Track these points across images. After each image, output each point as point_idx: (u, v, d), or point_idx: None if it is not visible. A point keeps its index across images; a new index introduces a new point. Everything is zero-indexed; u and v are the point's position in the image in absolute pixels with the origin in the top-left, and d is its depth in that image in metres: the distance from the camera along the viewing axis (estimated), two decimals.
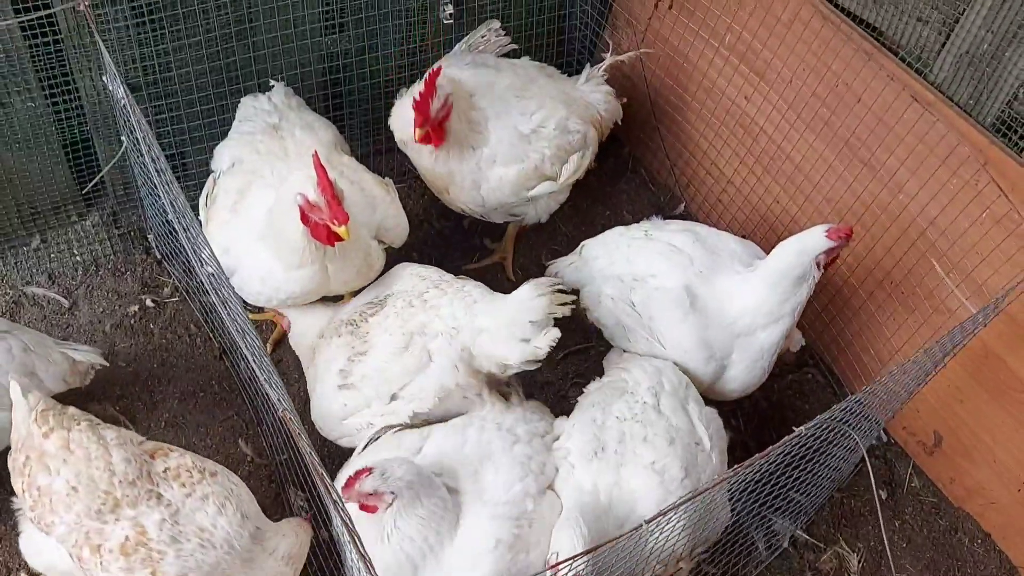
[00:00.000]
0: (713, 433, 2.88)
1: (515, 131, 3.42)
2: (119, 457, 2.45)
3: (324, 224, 2.79)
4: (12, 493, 2.62)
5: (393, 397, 2.94)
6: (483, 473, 2.64)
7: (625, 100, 3.89)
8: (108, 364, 3.27)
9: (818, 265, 2.94)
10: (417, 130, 3.17)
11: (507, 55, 3.78)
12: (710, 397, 3.25)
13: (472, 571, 2.53)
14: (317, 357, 3.14)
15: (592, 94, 3.70)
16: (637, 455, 2.71)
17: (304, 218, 2.81)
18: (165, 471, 2.49)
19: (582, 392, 3.58)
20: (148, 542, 2.39)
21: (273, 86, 3.51)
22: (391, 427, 2.83)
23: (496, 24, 3.78)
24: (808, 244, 2.93)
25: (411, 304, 3.01)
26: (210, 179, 3.31)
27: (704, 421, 2.87)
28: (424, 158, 3.42)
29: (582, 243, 3.47)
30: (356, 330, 3.05)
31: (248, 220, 3.07)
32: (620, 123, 3.88)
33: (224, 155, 3.32)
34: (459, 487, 2.61)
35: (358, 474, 2.41)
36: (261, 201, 3.07)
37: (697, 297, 3.08)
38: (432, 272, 3.15)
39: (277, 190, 3.01)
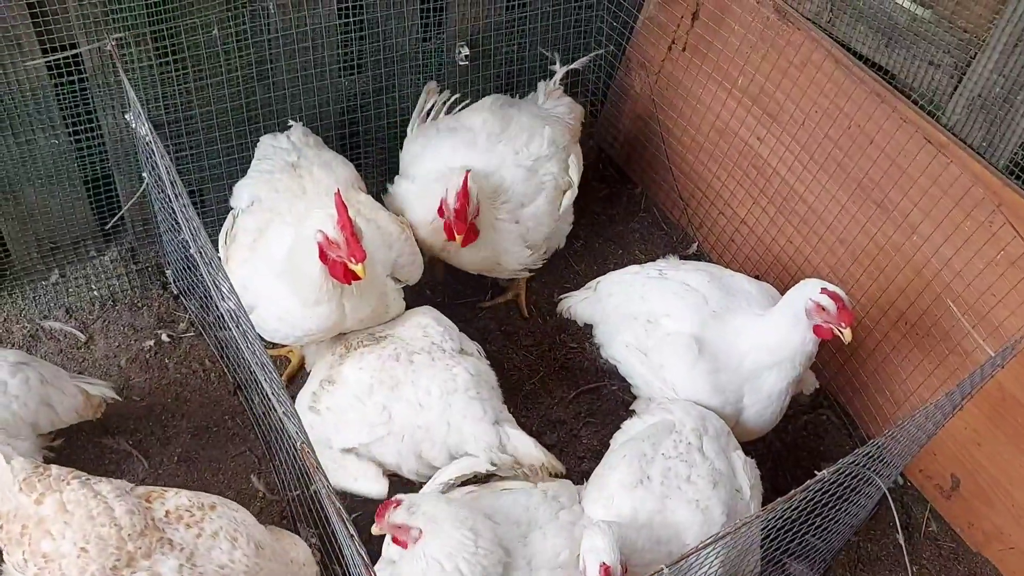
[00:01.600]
0: (754, 484, 2.87)
1: (522, 170, 3.49)
2: (122, 510, 2.41)
3: (342, 262, 2.81)
4: None
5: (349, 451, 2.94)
6: (531, 538, 2.62)
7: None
8: (120, 399, 3.27)
9: (808, 314, 2.90)
10: (459, 237, 3.24)
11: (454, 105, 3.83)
12: None
13: None
14: (314, 365, 3.18)
15: (556, 108, 3.79)
16: (682, 491, 2.71)
17: (323, 255, 2.83)
18: (167, 514, 2.47)
19: (594, 431, 3.59)
20: None
21: (292, 126, 3.56)
22: (463, 481, 2.82)
23: (433, 84, 3.81)
24: (804, 290, 2.93)
25: (397, 357, 3.00)
26: (229, 216, 3.35)
27: (747, 471, 2.87)
28: (465, 256, 3.46)
29: (597, 279, 3.49)
30: (344, 355, 3.07)
31: (267, 257, 3.10)
32: (630, 160, 3.93)
33: (243, 193, 3.36)
34: (507, 548, 2.59)
35: (386, 504, 2.44)
36: (279, 239, 3.10)
37: (707, 341, 3.07)
38: (439, 330, 3.12)
39: (295, 228, 3.04)
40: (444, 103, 3.77)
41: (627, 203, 4.41)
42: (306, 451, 2.05)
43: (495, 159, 3.48)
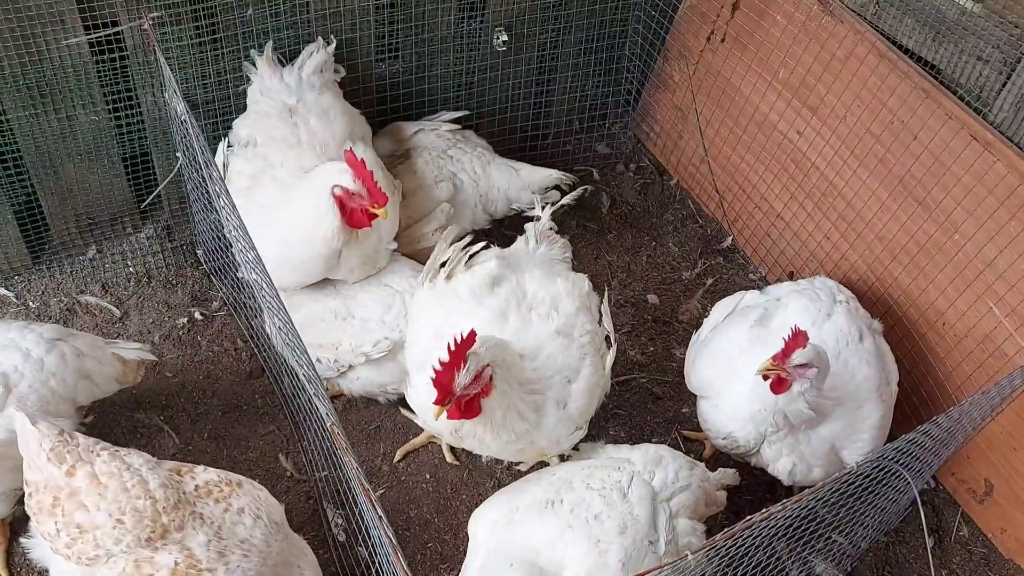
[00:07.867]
0: (671, 539, 2.64)
1: (560, 339, 2.92)
2: (156, 483, 2.44)
3: (363, 208, 3.00)
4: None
5: None
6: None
7: None
8: (157, 359, 3.30)
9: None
10: (436, 410, 2.59)
11: None
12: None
13: None
14: None
15: (552, 251, 3.18)
16: (588, 524, 2.58)
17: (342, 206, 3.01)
18: (196, 488, 2.50)
19: (621, 423, 3.57)
20: (198, 563, 2.38)
21: (307, 52, 3.46)
22: None
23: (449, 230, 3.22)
24: None
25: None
26: (221, 149, 3.39)
27: (667, 527, 2.64)
28: (491, 446, 2.88)
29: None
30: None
31: (258, 207, 3.19)
32: (666, 151, 3.85)
33: (242, 132, 3.39)
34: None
35: None
36: (271, 196, 3.23)
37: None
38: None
39: (293, 187, 3.19)
40: (461, 259, 3.02)
41: (662, 194, 4.37)
42: (336, 432, 2.06)
43: (532, 336, 2.87)
